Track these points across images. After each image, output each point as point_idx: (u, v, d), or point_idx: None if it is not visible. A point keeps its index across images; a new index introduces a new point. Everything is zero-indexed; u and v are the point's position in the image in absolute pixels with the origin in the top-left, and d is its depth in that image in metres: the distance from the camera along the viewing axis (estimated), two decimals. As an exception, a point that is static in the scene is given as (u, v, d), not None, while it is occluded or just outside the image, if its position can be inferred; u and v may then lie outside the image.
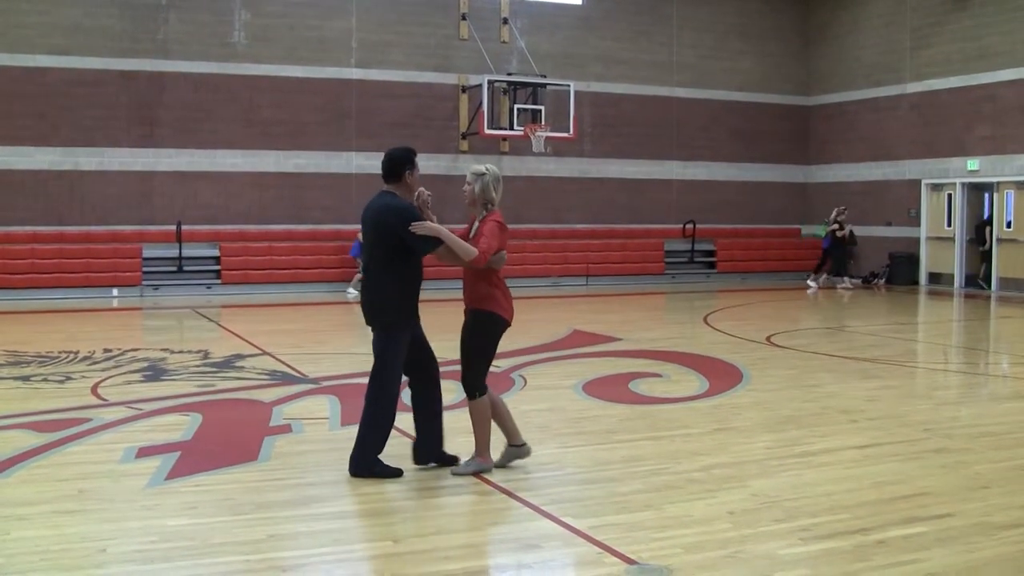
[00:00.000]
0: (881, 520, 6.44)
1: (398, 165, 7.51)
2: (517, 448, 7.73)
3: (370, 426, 7.46)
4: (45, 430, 8.84)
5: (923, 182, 26.67)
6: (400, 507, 6.86)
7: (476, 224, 7.53)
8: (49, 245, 22.70)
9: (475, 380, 7.46)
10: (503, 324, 7.51)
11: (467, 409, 7.58)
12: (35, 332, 16.44)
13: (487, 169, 7.54)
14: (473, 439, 7.59)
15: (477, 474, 7.47)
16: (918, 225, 26.84)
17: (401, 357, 7.47)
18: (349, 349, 14.57)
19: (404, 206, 7.40)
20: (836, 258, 26.37)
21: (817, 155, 30.03)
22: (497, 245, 7.30)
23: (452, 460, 7.68)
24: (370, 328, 7.58)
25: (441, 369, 7.78)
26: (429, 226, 7.20)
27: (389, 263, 7.38)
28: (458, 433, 8.08)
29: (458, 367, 7.57)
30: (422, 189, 7.63)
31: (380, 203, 7.47)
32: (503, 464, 7.65)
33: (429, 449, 7.68)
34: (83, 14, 23.02)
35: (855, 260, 28.15)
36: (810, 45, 30.03)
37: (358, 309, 7.85)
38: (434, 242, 7.24)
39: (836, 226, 25.93)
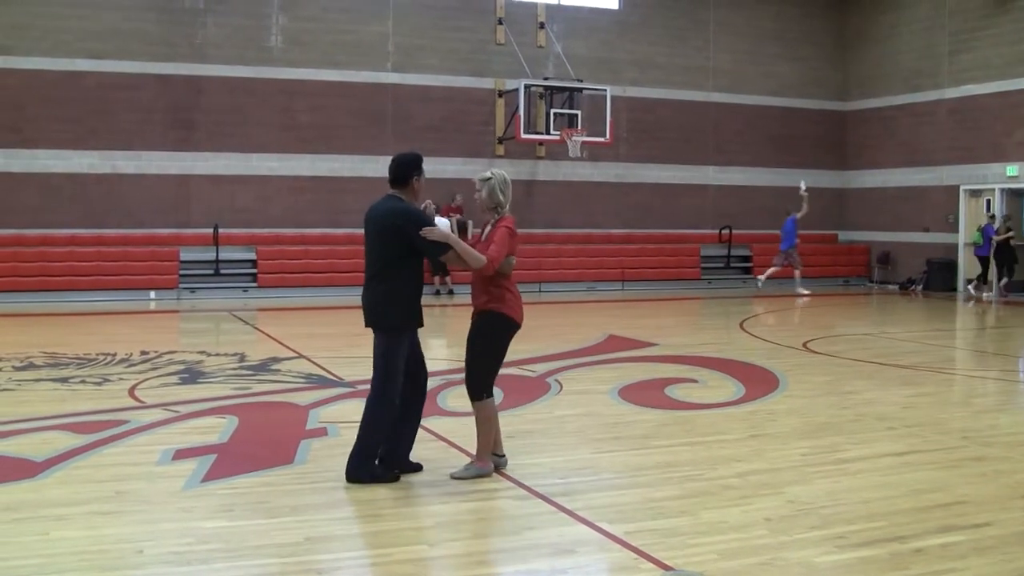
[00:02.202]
0: (918, 528, 6.39)
1: (406, 169, 7.49)
2: (496, 457, 7.68)
3: (372, 431, 7.39)
4: (83, 431, 8.90)
5: (961, 188, 26.49)
6: (435, 511, 6.86)
7: (488, 229, 7.53)
8: (87, 248, 22.90)
9: (481, 382, 7.44)
10: (513, 326, 7.46)
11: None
12: (73, 334, 16.57)
13: (492, 173, 7.54)
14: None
15: (477, 478, 7.43)
16: (956, 231, 26.64)
17: (403, 360, 7.44)
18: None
19: (414, 210, 7.42)
20: (1001, 263, 24.87)
21: (854, 160, 29.87)
22: (507, 251, 7.30)
23: (417, 467, 7.61)
24: (371, 329, 7.54)
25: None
26: (439, 232, 7.20)
27: (396, 266, 7.35)
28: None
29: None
30: (429, 201, 7.67)
31: (387, 206, 7.44)
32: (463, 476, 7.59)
33: (400, 456, 7.60)
34: (121, 18, 23.22)
35: (893, 266, 28.08)
36: (847, 50, 29.88)
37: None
38: (443, 247, 7.24)
39: (1011, 233, 24.48)
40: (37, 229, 22.79)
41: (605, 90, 25.22)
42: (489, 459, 7.55)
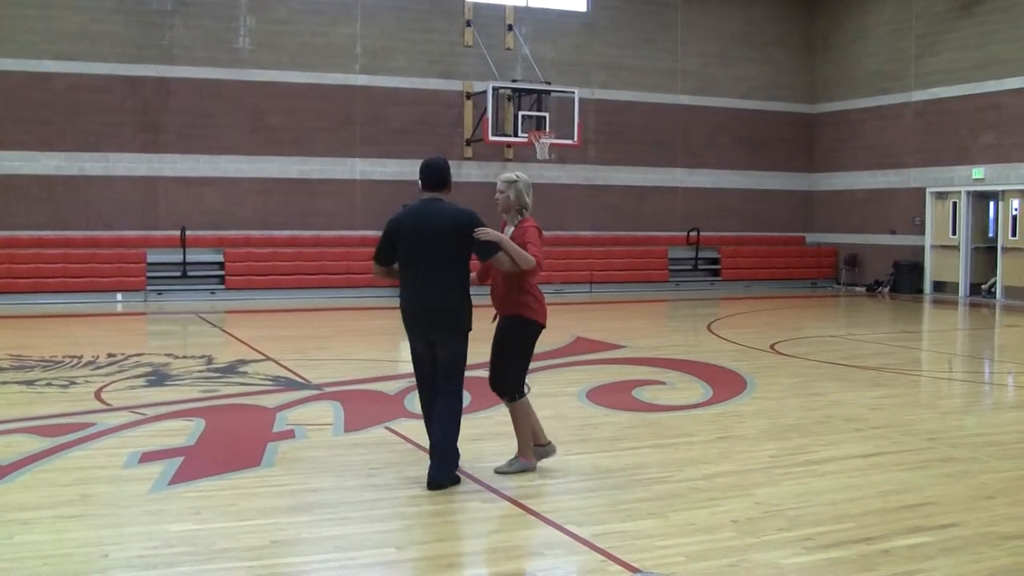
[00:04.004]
0: (886, 529, 6.42)
1: (444, 174, 7.56)
2: (542, 447, 7.83)
3: (456, 432, 7.43)
4: (48, 435, 8.84)
5: (928, 190, 26.64)
6: (403, 514, 6.84)
7: (509, 230, 7.60)
8: (54, 250, 22.73)
9: (515, 383, 7.62)
10: (538, 328, 7.66)
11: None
12: (39, 336, 16.45)
13: (518, 176, 7.72)
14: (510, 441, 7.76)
15: (521, 473, 7.60)
16: (923, 233, 26.80)
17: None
18: (352, 355, 14.56)
19: (473, 211, 7.49)
20: None
21: (822, 163, 30.00)
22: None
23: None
24: (431, 334, 7.45)
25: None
26: (493, 232, 7.29)
27: (458, 267, 7.43)
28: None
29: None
30: None
31: (444, 208, 7.45)
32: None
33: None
34: (89, 20, 23.06)
35: (861, 268, 28.23)
36: (815, 53, 30.02)
37: (360, 315, 7.78)
38: (494, 248, 7.29)
39: None
40: (2, 231, 22.59)
41: (573, 92, 25.23)
42: (532, 454, 7.71)
